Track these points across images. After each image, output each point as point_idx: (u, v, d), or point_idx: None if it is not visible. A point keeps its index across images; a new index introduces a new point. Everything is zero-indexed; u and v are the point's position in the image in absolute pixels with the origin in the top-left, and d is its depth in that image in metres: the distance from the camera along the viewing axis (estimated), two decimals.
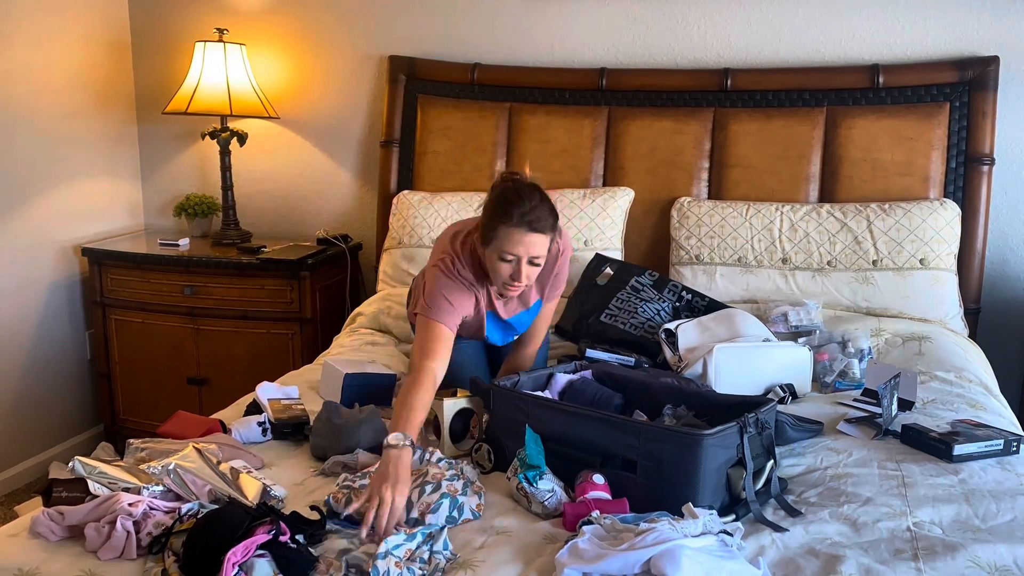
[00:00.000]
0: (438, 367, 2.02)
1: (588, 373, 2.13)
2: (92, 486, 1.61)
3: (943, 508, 1.65)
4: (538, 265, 2.06)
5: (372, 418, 1.96)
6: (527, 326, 2.35)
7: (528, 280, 2.08)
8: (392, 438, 1.73)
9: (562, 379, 2.06)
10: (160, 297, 3.32)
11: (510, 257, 2.03)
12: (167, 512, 1.56)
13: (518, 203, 2.01)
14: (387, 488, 1.60)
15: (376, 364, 2.39)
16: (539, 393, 1.92)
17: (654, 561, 1.34)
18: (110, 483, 1.63)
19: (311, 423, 2.02)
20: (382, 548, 1.43)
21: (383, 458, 1.70)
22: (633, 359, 2.42)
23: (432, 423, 2.00)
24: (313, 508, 1.61)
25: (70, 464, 1.68)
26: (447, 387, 2.16)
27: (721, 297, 2.81)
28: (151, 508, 1.56)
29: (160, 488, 1.62)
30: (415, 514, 1.61)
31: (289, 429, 2.04)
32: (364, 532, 1.54)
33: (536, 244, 2.02)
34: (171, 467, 1.62)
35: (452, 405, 1.95)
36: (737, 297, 2.84)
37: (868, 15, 3.00)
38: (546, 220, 2.03)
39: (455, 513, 1.62)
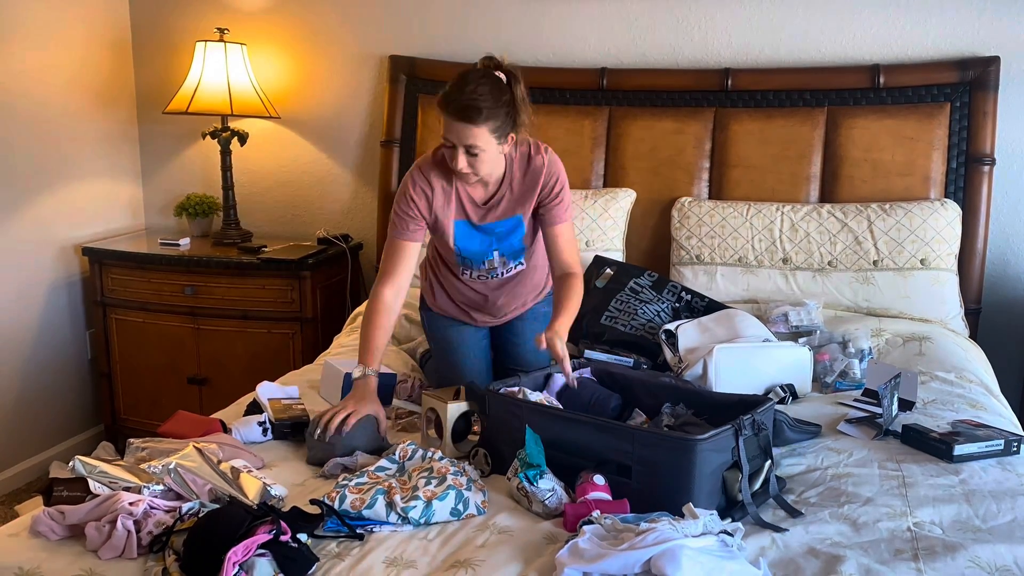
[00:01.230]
0: (390, 293, 2.14)
1: (587, 372, 2.13)
2: (93, 485, 1.61)
3: (943, 508, 1.66)
4: (476, 155, 2.01)
5: (364, 425, 1.95)
6: (515, 245, 2.24)
7: (470, 169, 2.04)
8: (356, 371, 2.05)
9: (560, 380, 2.06)
10: (161, 297, 3.32)
11: (448, 143, 2.03)
12: (168, 511, 1.56)
13: (456, 90, 1.98)
14: (351, 401, 1.96)
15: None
16: (536, 394, 1.92)
17: (654, 561, 1.34)
18: (111, 482, 1.63)
19: (307, 435, 2.02)
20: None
21: (351, 392, 2.00)
22: (632, 360, 2.42)
23: (435, 424, 2.00)
24: (313, 502, 1.61)
25: (70, 463, 1.68)
26: (449, 385, 2.17)
27: (722, 297, 2.81)
28: (152, 507, 1.56)
29: (161, 487, 1.62)
30: (420, 500, 1.62)
31: (289, 429, 2.04)
32: (317, 433, 1.85)
33: (466, 134, 1.98)
34: (172, 466, 1.63)
35: (455, 408, 1.95)
36: (738, 297, 2.84)
37: (869, 15, 3.01)
38: (478, 111, 1.96)
39: (460, 506, 1.63)
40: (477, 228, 2.22)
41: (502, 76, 2.04)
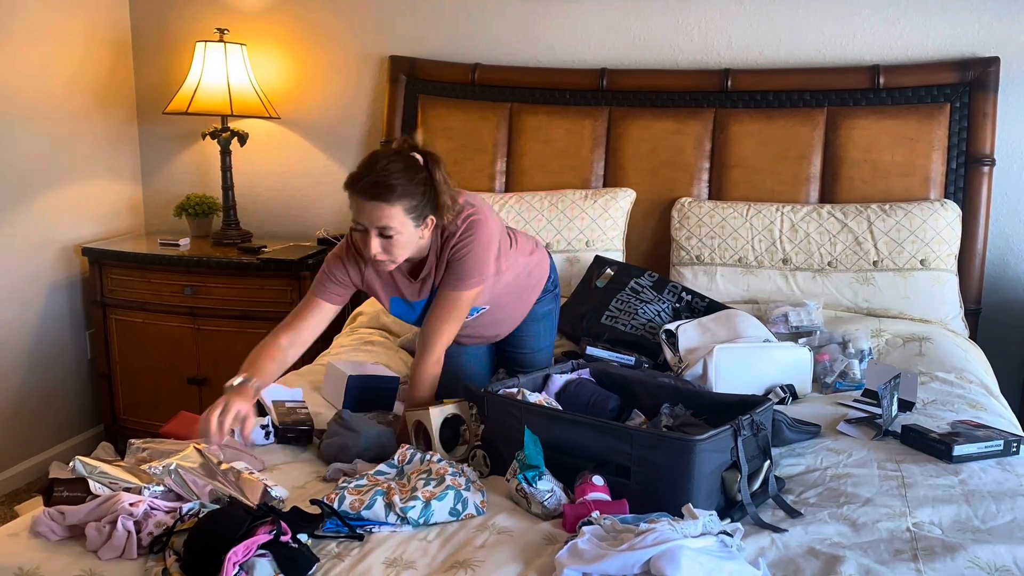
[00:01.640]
0: (284, 339, 2.06)
1: (586, 372, 2.13)
2: (93, 486, 1.61)
3: (943, 509, 1.65)
4: (389, 237, 1.89)
5: (389, 434, 1.97)
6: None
7: (387, 255, 1.93)
8: (232, 381, 1.89)
9: (559, 380, 2.06)
10: (160, 297, 3.32)
11: (359, 227, 1.91)
12: (168, 512, 1.56)
13: (366, 169, 1.89)
14: (230, 398, 1.82)
15: (379, 366, 2.39)
16: (535, 395, 1.92)
17: (654, 561, 1.34)
18: (111, 483, 1.63)
19: (314, 427, 2.02)
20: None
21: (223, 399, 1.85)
22: (633, 358, 2.42)
23: (422, 434, 1.98)
24: (314, 503, 1.61)
25: (71, 464, 1.68)
26: (449, 384, 2.17)
27: (721, 297, 2.81)
28: (152, 508, 1.56)
29: (161, 488, 1.62)
30: (419, 500, 1.62)
31: (293, 435, 2.02)
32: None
33: (378, 214, 1.86)
34: (172, 467, 1.63)
35: (439, 413, 1.93)
36: (738, 297, 2.84)
37: (868, 16, 3.01)
38: (389, 189, 1.85)
39: (459, 506, 1.63)
40: (408, 304, 2.15)
41: (418, 157, 1.95)
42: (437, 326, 2.05)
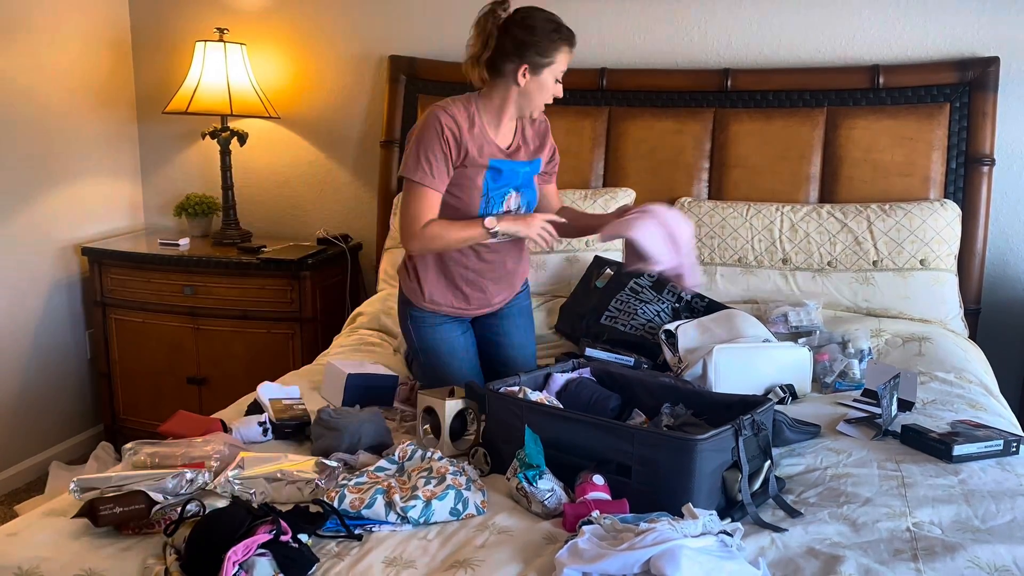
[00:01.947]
0: (425, 232, 2.17)
1: (587, 372, 2.13)
2: (145, 489, 1.60)
3: (943, 508, 1.66)
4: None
5: (374, 417, 1.97)
6: (529, 189, 2.35)
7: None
8: (488, 222, 2.16)
9: (559, 379, 2.06)
10: (160, 297, 3.32)
11: (558, 79, 2.20)
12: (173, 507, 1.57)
13: (557, 25, 2.16)
14: (530, 221, 2.21)
15: (378, 366, 2.39)
16: (536, 394, 1.92)
17: (654, 561, 1.34)
18: (132, 482, 1.64)
19: (312, 424, 2.03)
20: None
21: (511, 230, 2.20)
22: (632, 359, 2.42)
23: (431, 423, 2.00)
24: (315, 502, 1.61)
25: (71, 487, 1.66)
26: (440, 386, 2.19)
27: (721, 297, 2.81)
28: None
29: (175, 481, 1.62)
30: (420, 499, 1.62)
31: (290, 429, 2.04)
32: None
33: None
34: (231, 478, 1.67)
35: (452, 406, 1.95)
36: (737, 297, 2.84)
37: (868, 16, 3.01)
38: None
39: (459, 506, 1.63)
40: (504, 166, 2.25)
41: None
42: (555, 201, 2.52)
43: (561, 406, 1.92)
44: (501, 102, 2.22)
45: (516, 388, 1.92)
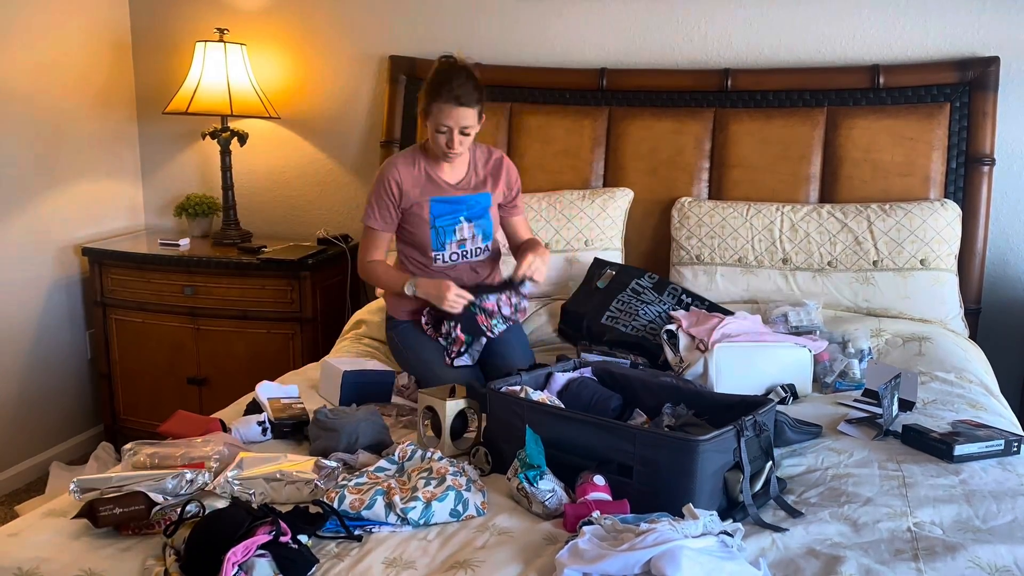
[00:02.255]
0: (372, 260, 2.56)
1: (588, 371, 2.13)
2: (145, 490, 1.59)
3: (944, 508, 1.65)
4: (468, 135, 2.41)
5: (371, 416, 1.97)
6: (482, 216, 2.55)
7: (462, 147, 2.42)
8: (407, 287, 2.45)
9: (560, 379, 2.06)
10: (160, 297, 3.32)
11: (444, 128, 2.39)
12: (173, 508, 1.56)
13: (447, 82, 2.36)
14: (441, 289, 2.38)
15: (374, 362, 2.39)
16: (538, 394, 1.92)
17: (654, 562, 1.33)
18: (132, 482, 1.64)
19: (309, 425, 2.02)
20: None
21: (422, 294, 2.44)
22: (628, 361, 2.41)
23: (433, 422, 2.00)
24: (315, 502, 1.61)
25: (71, 487, 1.66)
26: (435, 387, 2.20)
27: (722, 297, 2.81)
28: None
29: (175, 481, 1.62)
30: (420, 501, 1.62)
31: (289, 428, 2.04)
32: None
33: (464, 116, 2.37)
34: (230, 478, 1.66)
35: (453, 406, 1.95)
36: (738, 297, 2.84)
37: (868, 15, 3.00)
38: (471, 95, 2.37)
39: (459, 507, 1.63)
40: (449, 199, 2.52)
41: (470, 67, 2.44)
42: (523, 230, 2.72)
43: (562, 406, 1.92)
44: None
45: (518, 388, 1.92)
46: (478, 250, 2.58)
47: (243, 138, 3.44)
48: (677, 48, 3.18)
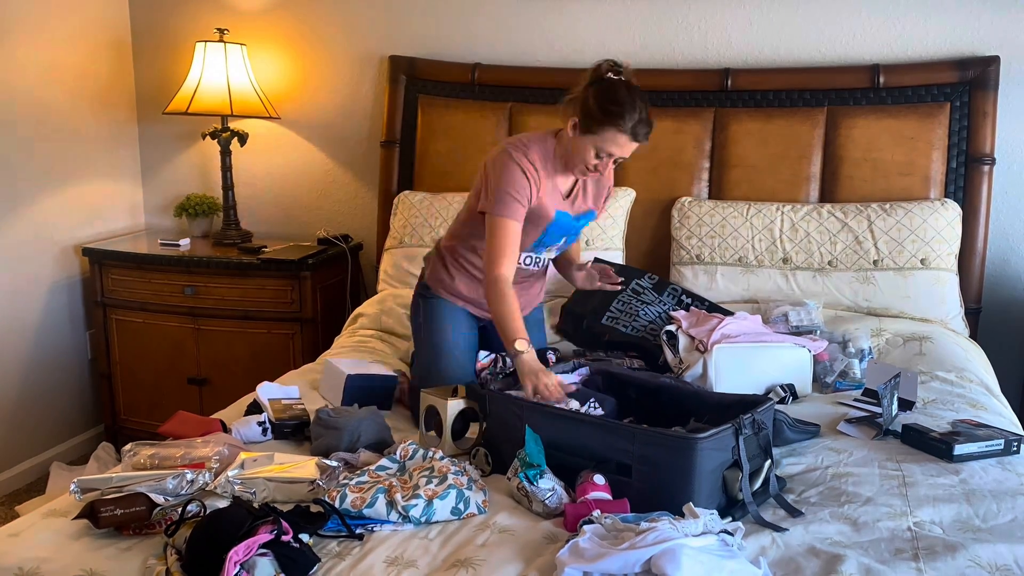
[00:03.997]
0: (508, 271, 2.16)
1: (586, 370, 2.13)
2: (146, 491, 1.59)
3: (944, 508, 1.66)
4: (617, 163, 2.20)
5: (373, 415, 1.97)
6: (574, 238, 2.42)
7: (606, 175, 2.27)
8: (519, 344, 2.02)
9: (566, 378, 2.07)
10: (161, 297, 3.32)
11: (605, 155, 2.13)
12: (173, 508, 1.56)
13: (631, 110, 2.08)
14: (540, 375, 1.97)
15: (378, 365, 2.39)
16: (569, 377, 1.93)
17: (655, 560, 1.34)
18: (134, 483, 1.64)
19: (311, 425, 2.03)
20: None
21: (520, 365, 2.01)
22: (625, 367, 2.41)
23: (434, 421, 2.00)
24: (316, 501, 1.61)
25: (72, 488, 1.66)
26: (431, 375, 2.21)
27: (722, 297, 2.81)
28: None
29: (175, 481, 1.62)
30: (421, 499, 1.62)
31: (290, 428, 2.04)
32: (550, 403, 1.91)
33: (632, 150, 2.14)
34: (232, 477, 1.66)
35: (455, 406, 1.95)
36: (738, 297, 2.84)
37: (868, 15, 3.01)
38: (647, 131, 2.13)
39: (461, 505, 1.63)
40: (567, 217, 2.30)
41: (646, 98, 2.16)
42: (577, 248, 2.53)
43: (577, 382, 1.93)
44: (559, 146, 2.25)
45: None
46: (540, 262, 2.39)
47: (243, 138, 3.45)
48: (677, 48, 3.18)
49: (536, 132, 2.30)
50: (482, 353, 2.36)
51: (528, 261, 2.35)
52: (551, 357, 2.31)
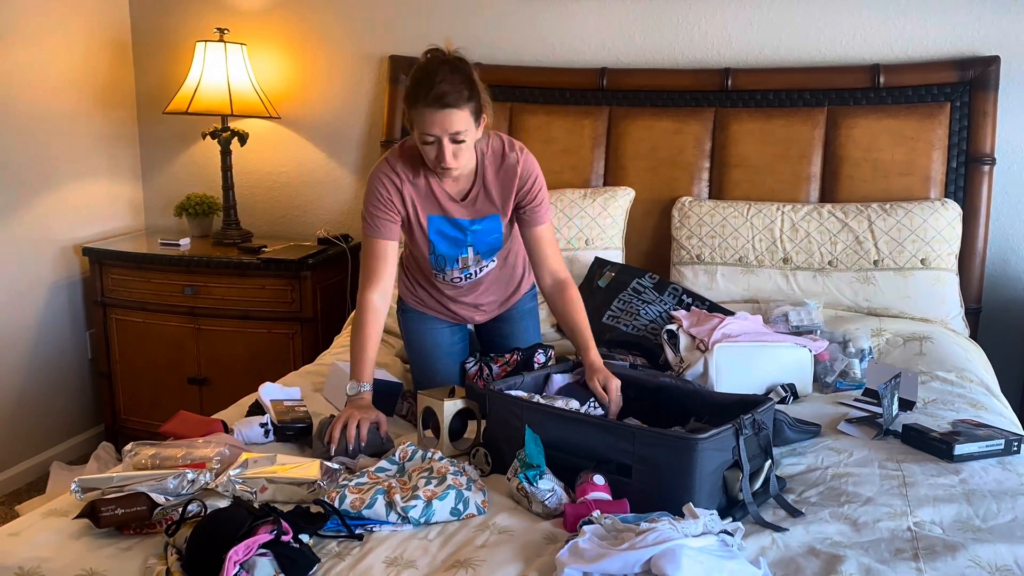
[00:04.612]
0: (377, 296, 2.08)
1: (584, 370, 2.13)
2: (146, 491, 1.59)
3: (944, 508, 1.66)
4: (461, 142, 1.95)
5: (370, 431, 1.97)
6: (490, 244, 2.19)
7: (457, 161, 1.98)
8: (349, 388, 2.01)
9: (559, 380, 2.07)
10: (161, 297, 3.32)
11: (430, 138, 1.95)
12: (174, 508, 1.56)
13: (426, 81, 1.92)
14: (352, 413, 1.92)
15: (382, 371, 2.39)
16: (536, 397, 1.92)
17: (654, 561, 1.34)
18: (135, 482, 1.64)
19: (315, 429, 2.02)
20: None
21: (347, 405, 1.98)
22: (627, 363, 2.41)
23: (432, 422, 2.00)
24: (316, 502, 1.61)
25: (72, 487, 1.66)
26: (423, 379, 2.22)
27: (722, 297, 2.81)
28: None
29: (176, 480, 1.62)
30: (420, 500, 1.62)
31: (292, 432, 2.03)
32: (332, 449, 1.88)
33: (452, 120, 1.92)
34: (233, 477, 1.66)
35: (451, 406, 1.95)
36: (738, 297, 2.84)
37: (868, 15, 3.01)
38: (457, 93, 1.91)
39: (460, 506, 1.63)
40: (451, 223, 2.15)
41: (458, 60, 1.99)
42: (556, 253, 2.20)
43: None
44: None
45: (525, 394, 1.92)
46: (481, 269, 2.25)
47: (243, 138, 3.45)
48: (677, 48, 3.18)
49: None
50: (468, 362, 2.34)
51: (458, 279, 2.24)
52: (539, 358, 2.24)
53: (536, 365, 2.22)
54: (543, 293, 2.24)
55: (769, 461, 1.71)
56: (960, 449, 1.86)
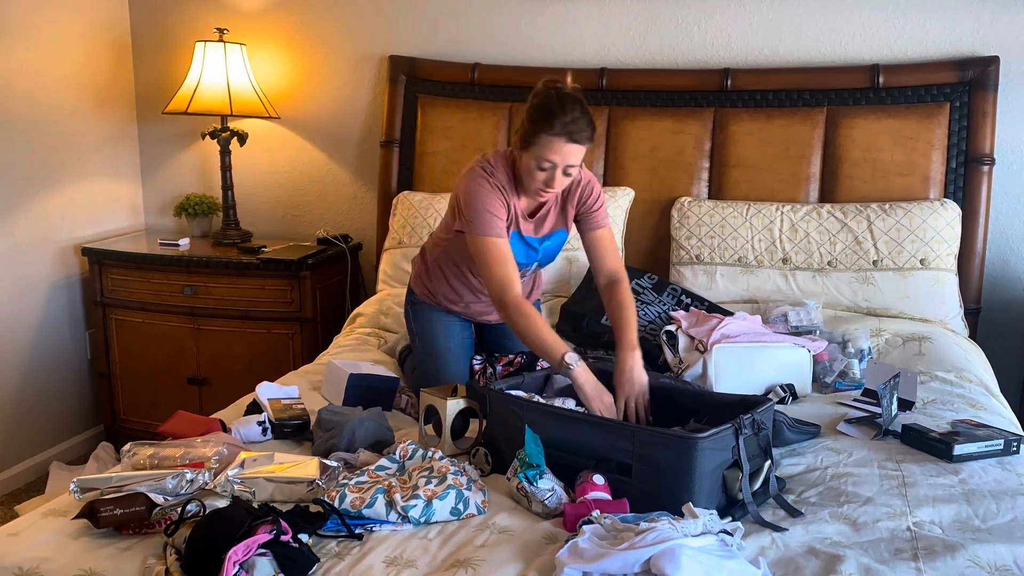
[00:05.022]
0: (514, 290, 2.11)
1: None
2: (145, 491, 1.59)
3: (943, 508, 1.66)
4: (570, 175, 2.11)
5: (374, 414, 1.97)
6: (552, 257, 2.38)
7: (559, 188, 2.13)
8: (569, 358, 1.97)
9: (560, 380, 2.07)
10: (160, 297, 3.32)
11: (547, 164, 2.08)
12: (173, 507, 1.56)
13: (560, 113, 2.04)
14: (604, 396, 1.95)
15: (379, 367, 2.39)
16: (536, 397, 1.92)
17: (654, 560, 1.34)
18: (134, 482, 1.64)
19: (312, 425, 2.03)
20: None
21: (576, 382, 1.96)
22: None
23: (433, 420, 2.00)
24: (316, 501, 1.61)
25: (72, 487, 1.66)
26: (428, 378, 2.22)
27: (721, 297, 2.81)
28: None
29: (175, 480, 1.62)
30: (421, 499, 1.62)
31: (290, 429, 2.04)
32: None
33: (573, 154, 2.07)
34: (232, 477, 1.66)
35: (454, 405, 1.95)
36: (737, 297, 2.84)
37: (868, 15, 3.01)
38: (584, 131, 2.07)
39: (460, 505, 1.63)
40: (525, 241, 2.26)
41: (583, 98, 2.11)
42: (615, 254, 2.34)
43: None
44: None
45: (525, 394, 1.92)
46: (526, 276, 2.35)
47: (243, 138, 3.45)
48: (677, 48, 3.18)
49: (501, 151, 2.26)
50: (475, 360, 2.36)
51: None
52: (543, 361, 2.26)
53: (539, 367, 2.23)
54: (599, 290, 2.34)
55: (769, 461, 1.71)
56: (959, 449, 1.86)
